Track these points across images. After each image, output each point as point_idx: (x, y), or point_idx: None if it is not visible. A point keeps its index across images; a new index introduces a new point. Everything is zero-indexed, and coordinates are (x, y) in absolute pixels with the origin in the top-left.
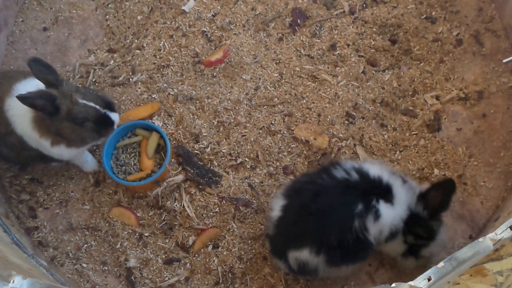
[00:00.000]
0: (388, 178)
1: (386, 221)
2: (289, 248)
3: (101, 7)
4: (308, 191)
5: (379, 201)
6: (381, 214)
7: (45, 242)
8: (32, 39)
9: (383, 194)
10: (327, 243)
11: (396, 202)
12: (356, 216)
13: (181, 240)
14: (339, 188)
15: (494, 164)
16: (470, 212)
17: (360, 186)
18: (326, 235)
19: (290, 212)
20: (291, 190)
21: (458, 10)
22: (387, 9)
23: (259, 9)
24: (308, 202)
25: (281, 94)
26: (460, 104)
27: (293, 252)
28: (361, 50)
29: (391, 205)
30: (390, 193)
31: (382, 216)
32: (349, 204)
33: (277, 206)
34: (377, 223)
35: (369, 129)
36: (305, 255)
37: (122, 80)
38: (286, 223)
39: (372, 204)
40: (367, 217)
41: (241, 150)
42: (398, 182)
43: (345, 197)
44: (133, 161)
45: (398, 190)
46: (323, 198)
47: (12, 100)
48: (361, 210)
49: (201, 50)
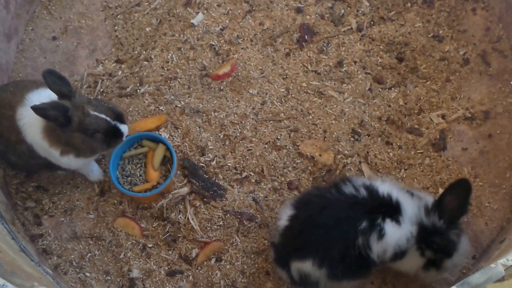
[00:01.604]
0: (397, 195)
1: (390, 240)
2: (293, 258)
3: (110, 17)
4: (316, 204)
5: (385, 220)
6: (385, 233)
7: (49, 250)
8: (41, 47)
9: (391, 213)
10: (329, 256)
11: (404, 221)
12: (359, 233)
13: (185, 252)
14: (346, 204)
15: (499, 185)
16: (474, 232)
17: (367, 203)
18: (329, 249)
19: (297, 223)
20: (300, 202)
21: (466, 29)
22: (395, 27)
23: (267, 24)
24: (314, 214)
25: (287, 109)
26: (466, 124)
27: (296, 263)
28: (368, 67)
29: (397, 224)
30: (398, 212)
31: (386, 235)
32: (353, 220)
33: (285, 215)
34: (380, 242)
35: (375, 146)
36: (307, 266)
37: (130, 91)
38: (292, 233)
39: (377, 222)
40: (370, 235)
41: (247, 164)
42: (407, 198)
43: (351, 212)
44: (139, 172)
45: (407, 208)
46: (329, 212)
47: (24, 109)
48: (365, 227)
49: (209, 63)
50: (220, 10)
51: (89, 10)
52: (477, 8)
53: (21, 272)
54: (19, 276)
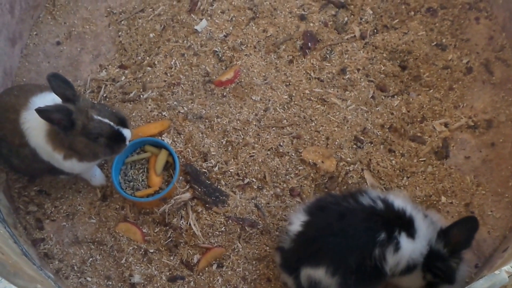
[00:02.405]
0: (411, 211)
1: (404, 254)
2: (304, 264)
3: (114, 23)
4: (334, 211)
5: (401, 233)
6: (401, 246)
7: (50, 254)
8: (45, 52)
9: (406, 227)
10: (345, 265)
11: (418, 236)
12: (377, 244)
13: (186, 258)
14: (364, 214)
15: (502, 193)
16: (476, 241)
17: (385, 215)
18: (345, 257)
19: (312, 229)
20: (315, 208)
21: (469, 38)
22: (398, 35)
23: (270, 31)
24: (332, 221)
25: (290, 116)
26: (469, 132)
27: (308, 269)
28: (371, 75)
29: (412, 239)
30: (412, 227)
31: (401, 249)
32: (373, 231)
33: (298, 220)
34: (396, 255)
35: (377, 154)
36: (319, 274)
37: (133, 96)
38: (306, 239)
39: (394, 235)
40: (387, 247)
41: (249, 170)
42: (420, 216)
43: (370, 223)
44: (141, 177)
45: (420, 224)
46: (348, 220)
47: (28, 113)
48: (383, 239)
49: (212, 69)
50: (224, 17)
51: (93, 16)
52: (480, 17)
53: (23, 274)
54: (22, 278)
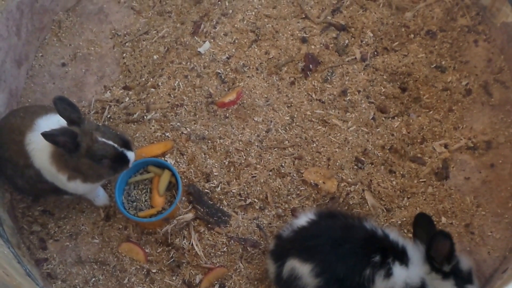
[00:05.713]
0: (402, 242)
1: (397, 280)
2: (294, 255)
3: (119, 45)
4: (341, 221)
5: (395, 262)
6: (392, 273)
7: (54, 274)
8: (50, 74)
9: (400, 257)
10: (332, 271)
11: (412, 263)
12: (370, 264)
13: (188, 278)
14: (367, 234)
15: (502, 214)
16: (477, 262)
17: (383, 242)
18: (336, 265)
19: (315, 227)
20: (325, 213)
21: (468, 60)
22: (398, 57)
23: (272, 53)
24: (337, 228)
25: (292, 137)
26: (469, 153)
27: (295, 262)
28: (372, 96)
29: (405, 267)
30: (405, 256)
31: (393, 276)
32: (369, 251)
33: (305, 217)
34: (385, 281)
35: (378, 174)
36: (304, 270)
37: (137, 117)
38: (306, 233)
39: (388, 261)
40: (379, 271)
41: (251, 191)
42: (410, 244)
43: (369, 243)
44: (144, 197)
45: (411, 251)
46: (351, 232)
47: (33, 135)
48: (376, 261)
49: (215, 91)
50: (227, 39)
51: (98, 38)
52: (479, 40)
53: None
54: None
